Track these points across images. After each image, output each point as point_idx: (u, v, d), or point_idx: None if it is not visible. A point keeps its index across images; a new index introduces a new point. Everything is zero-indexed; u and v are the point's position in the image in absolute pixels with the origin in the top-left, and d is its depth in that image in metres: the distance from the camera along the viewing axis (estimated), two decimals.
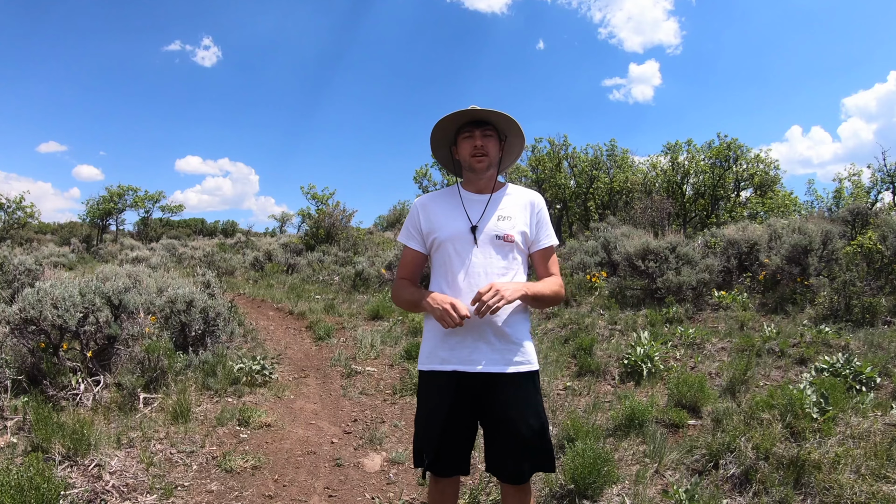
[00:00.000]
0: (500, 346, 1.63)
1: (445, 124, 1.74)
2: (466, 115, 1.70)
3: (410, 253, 1.79)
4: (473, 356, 1.62)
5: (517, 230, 1.71)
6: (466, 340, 1.63)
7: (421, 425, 1.71)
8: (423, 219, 1.77)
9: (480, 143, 1.69)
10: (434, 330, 1.68)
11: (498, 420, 1.62)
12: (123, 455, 2.76)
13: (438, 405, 1.65)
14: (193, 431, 3.16)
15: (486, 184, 1.76)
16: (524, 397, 1.63)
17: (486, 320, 1.61)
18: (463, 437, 1.67)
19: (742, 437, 2.63)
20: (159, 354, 3.73)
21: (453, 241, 1.68)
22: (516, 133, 1.77)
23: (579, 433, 2.92)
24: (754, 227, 8.18)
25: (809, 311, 5.53)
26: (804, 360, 4.12)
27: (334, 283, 10.69)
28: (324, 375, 4.66)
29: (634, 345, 4.35)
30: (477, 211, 1.72)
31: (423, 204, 1.79)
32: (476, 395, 1.64)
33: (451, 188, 1.82)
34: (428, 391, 1.70)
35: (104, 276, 4.57)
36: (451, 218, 1.72)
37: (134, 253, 14.71)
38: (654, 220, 16.70)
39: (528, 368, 1.66)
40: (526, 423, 1.61)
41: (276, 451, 3.08)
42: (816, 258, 6.24)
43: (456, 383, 1.63)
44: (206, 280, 5.96)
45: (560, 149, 25.06)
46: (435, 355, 1.66)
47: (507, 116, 1.69)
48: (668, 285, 6.48)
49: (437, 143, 1.81)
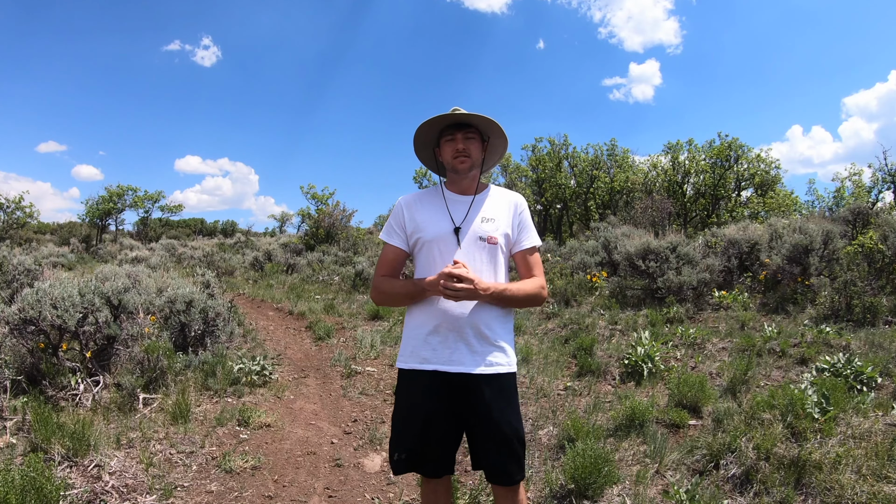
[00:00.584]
0: (480, 348, 1.64)
1: (428, 127, 1.75)
2: (449, 118, 1.72)
3: (393, 251, 1.78)
4: (454, 356, 1.64)
5: (500, 232, 1.72)
6: (448, 341, 1.64)
7: (397, 424, 1.72)
8: (407, 218, 1.77)
9: (462, 147, 1.71)
10: (417, 328, 1.69)
11: (480, 420, 1.63)
12: (123, 455, 2.76)
13: (418, 405, 1.66)
14: (193, 432, 3.16)
15: (469, 184, 1.77)
16: (505, 398, 1.65)
17: (467, 322, 1.63)
18: (447, 438, 1.68)
19: (743, 438, 2.63)
20: (159, 354, 3.73)
21: (438, 242, 1.69)
22: (498, 134, 1.78)
23: (580, 433, 2.92)
24: (755, 227, 8.18)
25: (810, 311, 5.53)
26: (805, 360, 4.12)
27: (334, 283, 10.69)
28: (324, 375, 4.66)
29: (635, 345, 4.35)
30: (461, 212, 1.73)
31: (408, 203, 1.79)
32: (457, 396, 1.65)
33: (434, 188, 1.83)
34: (408, 390, 1.70)
35: (103, 276, 4.57)
36: (436, 218, 1.73)
37: (133, 253, 14.72)
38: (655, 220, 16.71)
39: (507, 370, 1.67)
40: (508, 423, 1.63)
41: (276, 452, 3.08)
42: (817, 258, 6.24)
43: (437, 383, 1.64)
44: (205, 280, 5.96)
45: (560, 148, 25.09)
46: (416, 354, 1.68)
47: (488, 119, 1.70)
48: (668, 285, 6.48)
49: (421, 144, 1.82)
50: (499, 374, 1.65)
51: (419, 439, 1.66)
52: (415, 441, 1.66)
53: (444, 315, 1.64)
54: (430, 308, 1.67)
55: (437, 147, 1.81)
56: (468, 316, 1.64)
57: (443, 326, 1.64)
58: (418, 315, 1.70)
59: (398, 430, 1.70)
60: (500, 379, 1.66)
